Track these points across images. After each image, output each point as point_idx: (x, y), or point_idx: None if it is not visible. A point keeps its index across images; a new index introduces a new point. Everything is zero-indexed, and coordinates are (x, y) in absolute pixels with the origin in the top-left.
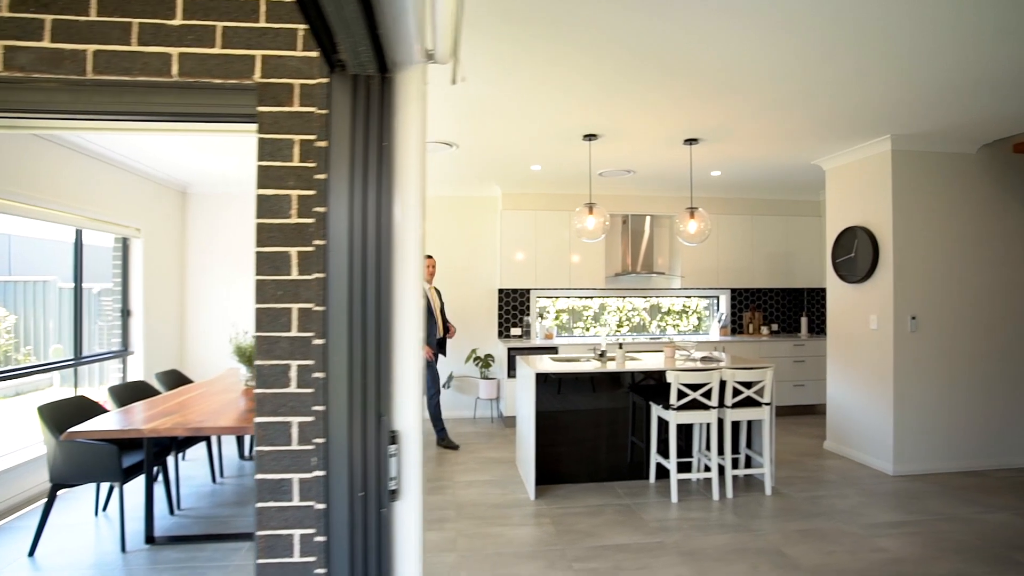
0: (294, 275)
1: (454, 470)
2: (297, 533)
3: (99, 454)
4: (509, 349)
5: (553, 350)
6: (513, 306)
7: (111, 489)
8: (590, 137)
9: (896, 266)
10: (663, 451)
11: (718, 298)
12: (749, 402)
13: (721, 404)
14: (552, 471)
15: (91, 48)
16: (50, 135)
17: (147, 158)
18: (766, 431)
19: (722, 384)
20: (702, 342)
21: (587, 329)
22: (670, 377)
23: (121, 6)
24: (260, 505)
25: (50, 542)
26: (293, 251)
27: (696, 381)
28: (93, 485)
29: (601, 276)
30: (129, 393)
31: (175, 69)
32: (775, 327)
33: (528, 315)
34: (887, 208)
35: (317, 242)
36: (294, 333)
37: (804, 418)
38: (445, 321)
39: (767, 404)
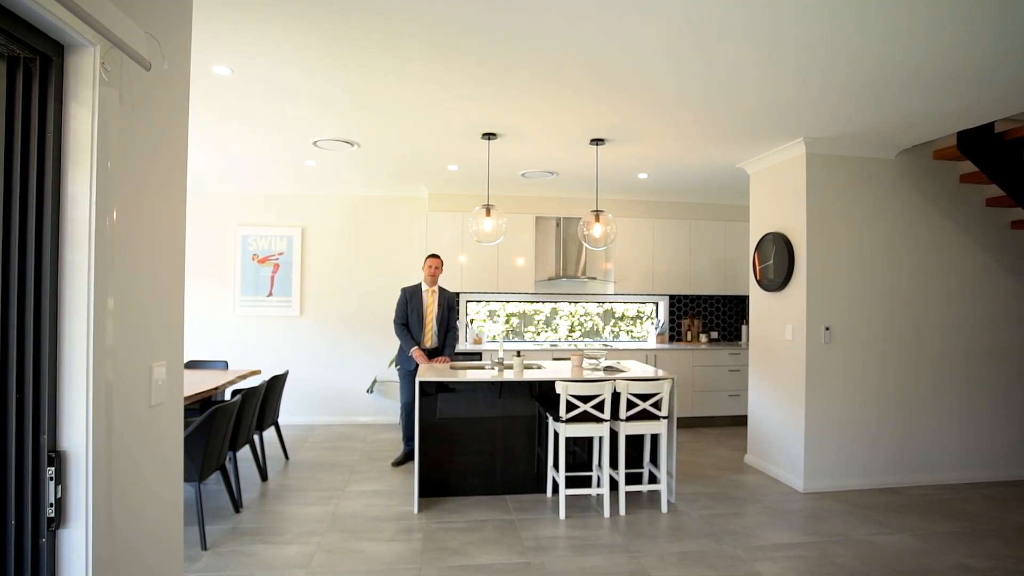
0: None
1: (351, 479)
2: None
3: None
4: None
5: (478, 356)
6: None
7: None
8: (489, 136)
9: (810, 274)
10: (569, 466)
11: (657, 304)
12: (647, 415)
13: (615, 417)
14: (444, 483)
15: None
16: None
17: None
18: (663, 445)
19: (617, 396)
20: (637, 349)
21: (538, 334)
22: (559, 388)
23: None
24: None
25: None
26: None
27: (587, 392)
28: None
29: (530, 280)
30: None
31: None
32: (715, 335)
33: (458, 319)
34: (801, 214)
35: None
36: None
37: (738, 429)
38: (445, 333)
39: (664, 417)
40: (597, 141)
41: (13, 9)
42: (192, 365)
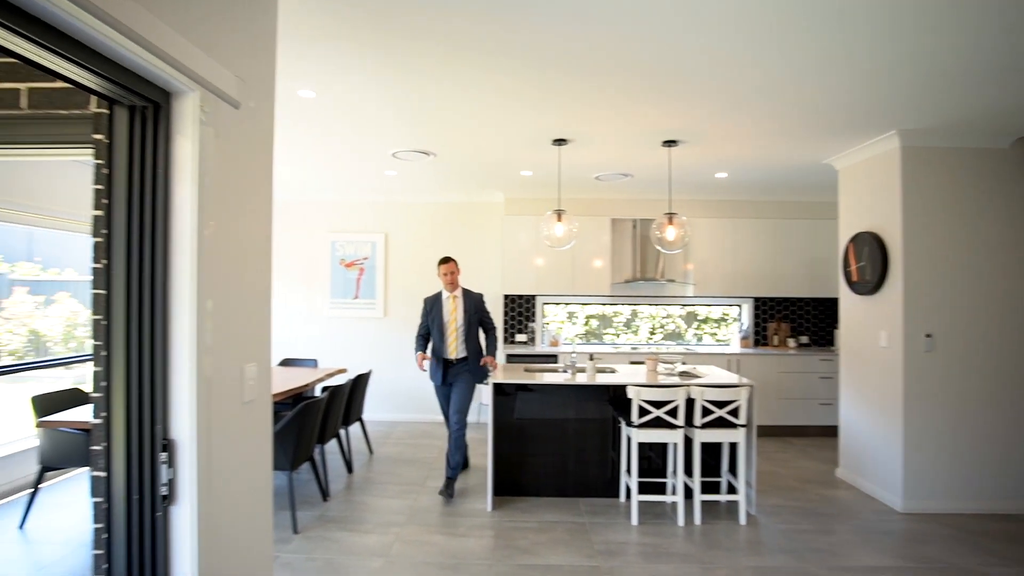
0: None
1: (429, 474)
2: (93, 526)
3: (75, 441)
4: (508, 356)
5: (554, 358)
6: (519, 312)
7: None
8: (560, 142)
9: (907, 277)
10: (643, 471)
11: (740, 307)
12: (723, 423)
13: (690, 423)
14: (517, 482)
15: None
16: None
17: None
18: (742, 454)
19: (691, 402)
20: (719, 354)
21: (617, 336)
22: (630, 392)
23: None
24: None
25: (41, 517)
26: (101, 266)
27: (660, 398)
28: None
29: (606, 283)
30: None
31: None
32: (804, 339)
33: (534, 321)
34: (896, 212)
35: (98, 264)
36: (97, 341)
37: (830, 441)
38: (474, 339)
39: (743, 425)
40: (669, 143)
41: (134, 69)
42: (286, 363)
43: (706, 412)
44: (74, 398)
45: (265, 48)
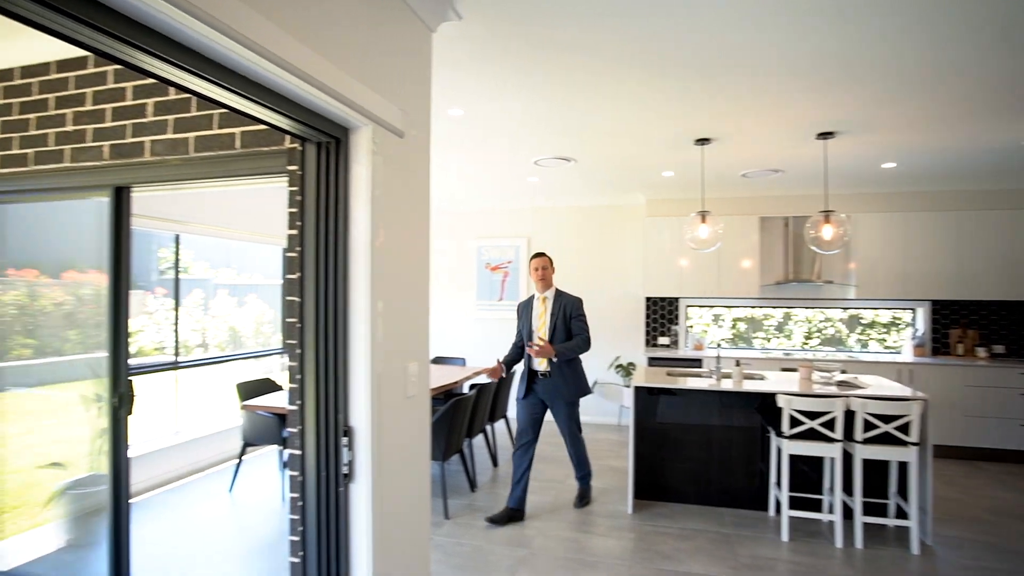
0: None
1: (571, 473)
2: (289, 495)
3: (267, 423)
4: (649, 359)
5: (697, 363)
6: (661, 314)
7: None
8: (702, 141)
9: None
10: (795, 486)
11: (914, 311)
12: (890, 439)
13: (850, 438)
14: (657, 487)
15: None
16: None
17: None
18: (913, 476)
19: (851, 415)
20: (889, 362)
21: (768, 340)
22: (781, 401)
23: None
24: (289, 473)
25: (244, 484)
26: (295, 277)
27: (814, 408)
28: (274, 447)
29: (755, 284)
30: None
31: (238, 143)
32: (999, 349)
33: (677, 324)
34: None
35: (292, 276)
36: (291, 340)
37: None
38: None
39: (914, 444)
40: (825, 135)
41: (320, 112)
42: (437, 361)
43: (869, 426)
44: (267, 386)
45: (422, 80)
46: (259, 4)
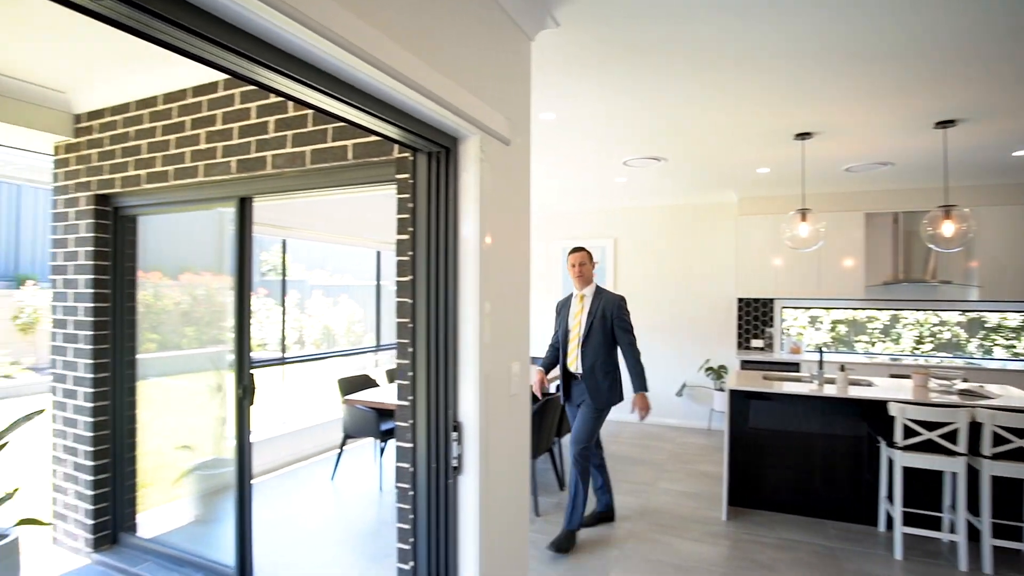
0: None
1: (660, 476)
2: (392, 485)
3: (365, 417)
4: (742, 362)
5: (794, 366)
6: (755, 316)
7: (383, 444)
8: (803, 136)
9: None
10: (908, 500)
11: None
12: None
13: (975, 452)
14: (753, 494)
15: (308, 149)
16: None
17: None
18: None
19: (977, 427)
20: (1019, 371)
21: (872, 344)
22: (893, 410)
23: (323, 117)
24: (398, 464)
25: (344, 474)
26: (408, 280)
27: (933, 418)
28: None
29: (859, 285)
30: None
31: (350, 154)
32: None
33: (772, 326)
34: None
35: (406, 278)
36: (403, 339)
37: None
38: (597, 351)
39: None
40: (945, 123)
41: (432, 123)
42: None
43: (1000, 440)
44: (365, 382)
45: (522, 88)
46: (377, 21)
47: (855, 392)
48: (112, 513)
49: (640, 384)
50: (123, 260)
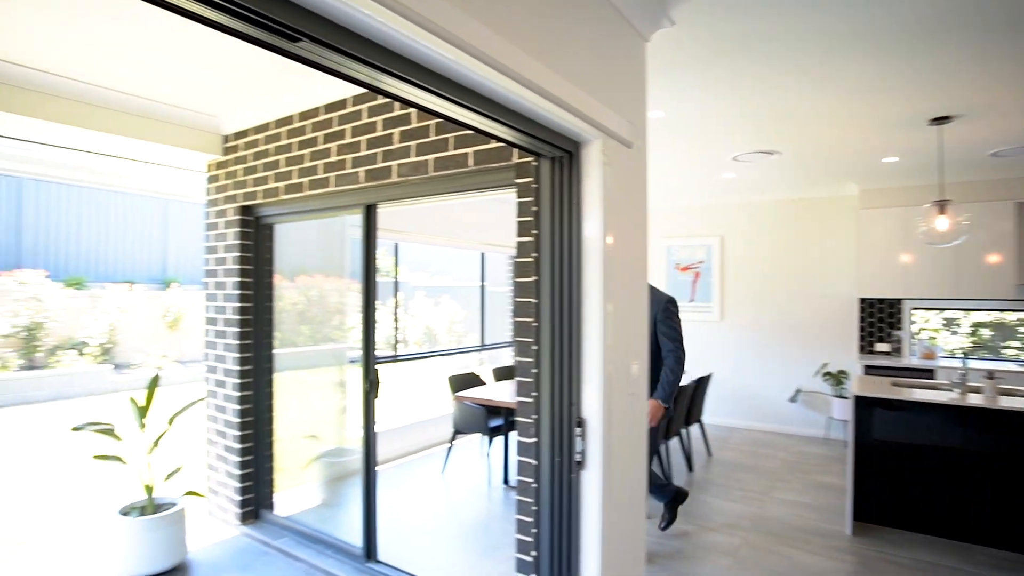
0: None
1: (774, 485)
2: (520, 479)
3: (474, 413)
4: (865, 367)
5: (927, 373)
6: (879, 318)
7: (490, 440)
8: (940, 120)
9: None
10: None
11: None
12: None
13: None
14: (881, 511)
15: (431, 157)
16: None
17: None
18: None
19: None
20: None
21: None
22: None
23: (446, 125)
24: (519, 458)
25: (454, 467)
26: (531, 280)
27: None
28: (477, 435)
29: (1007, 283)
30: (503, 373)
31: (471, 161)
32: None
33: (899, 329)
34: None
35: (527, 279)
36: (526, 339)
37: None
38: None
39: None
40: None
41: (556, 128)
42: None
43: None
44: (473, 380)
45: (638, 90)
46: (503, 28)
47: (1008, 403)
48: (255, 491)
49: (663, 394)
50: (262, 264)
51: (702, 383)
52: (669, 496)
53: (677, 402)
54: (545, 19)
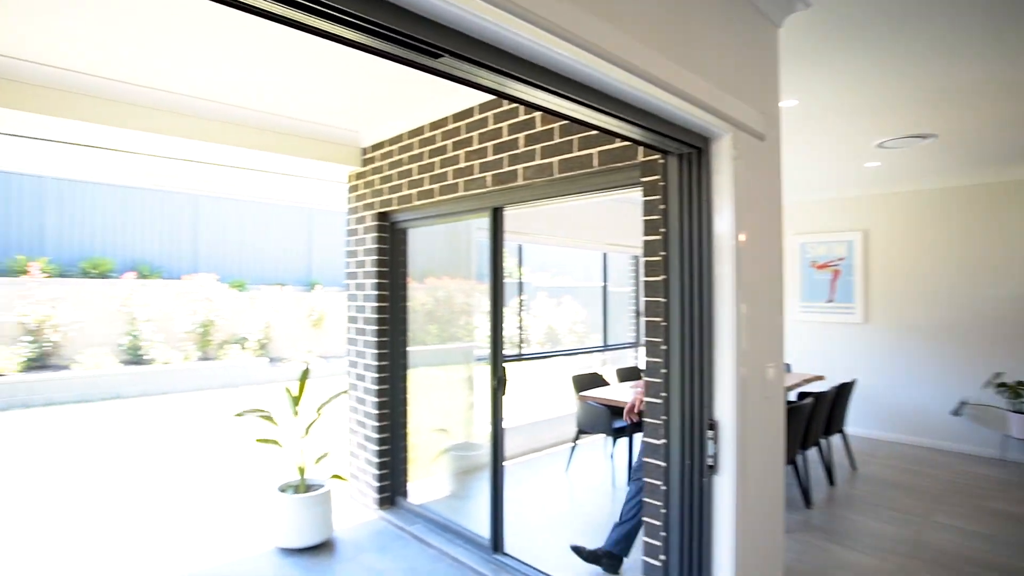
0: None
1: (935, 508)
2: (648, 481)
3: (598, 413)
4: None
5: None
6: None
7: (614, 440)
8: None
9: None
10: None
11: None
12: None
13: None
14: None
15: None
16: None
17: None
18: None
19: None
20: None
21: None
22: None
23: (570, 127)
24: (645, 460)
25: (577, 466)
26: (659, 280)
27: None
28: (601, 435)
29: None
30: (627, 374)
31: (595, 161)
32: None
33: None
34: None
35: (656, 278)
36: (655, 339)
37: None
38: None
39: None
40: None
41: (684, 124)
42: None
43: None
44: (595, 380)
45: (770, 79)
46: (626, 24)
47: None
48: (391, 479)
49: None
50: (397, 267)
51: (844, 390)
52: (619, 547)
53: (816, 410)
54: (670, 12)
